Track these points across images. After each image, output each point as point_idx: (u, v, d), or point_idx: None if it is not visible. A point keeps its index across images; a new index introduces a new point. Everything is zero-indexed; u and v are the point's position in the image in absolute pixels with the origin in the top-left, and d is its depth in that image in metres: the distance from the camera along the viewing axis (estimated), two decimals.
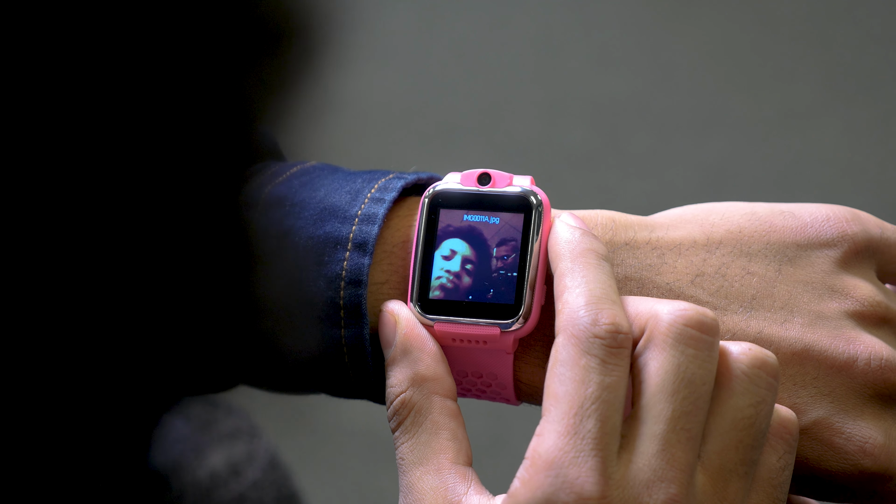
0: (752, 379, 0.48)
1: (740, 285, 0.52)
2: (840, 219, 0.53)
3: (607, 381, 0.47)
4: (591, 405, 0.46)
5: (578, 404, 0.47)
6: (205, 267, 0.38)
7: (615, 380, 0.47)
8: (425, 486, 0.50)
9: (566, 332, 0.48)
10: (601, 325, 0.47)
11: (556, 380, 0.47)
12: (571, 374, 0.47)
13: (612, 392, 0.47)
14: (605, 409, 0.46)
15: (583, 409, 0.46)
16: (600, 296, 0.48)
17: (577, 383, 0.47)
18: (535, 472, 0.46)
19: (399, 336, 0.52)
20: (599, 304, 0.48)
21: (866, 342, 0.51)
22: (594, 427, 0.46)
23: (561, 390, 0.47)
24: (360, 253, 0.52)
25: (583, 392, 0.47)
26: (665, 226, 0.53)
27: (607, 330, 0.47)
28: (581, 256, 0.49)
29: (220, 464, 0.89)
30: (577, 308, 0.48)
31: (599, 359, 0.47)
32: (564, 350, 0.48)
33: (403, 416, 0.51)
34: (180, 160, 0.36)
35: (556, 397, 0.47)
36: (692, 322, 0.48)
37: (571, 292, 0.48)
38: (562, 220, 0.51)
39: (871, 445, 0.51)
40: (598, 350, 0.47)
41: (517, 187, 0.52)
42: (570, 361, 0.47)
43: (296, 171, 0.55)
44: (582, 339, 0.47)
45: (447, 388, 0.52)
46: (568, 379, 0.47)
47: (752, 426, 0.48)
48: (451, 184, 0.53)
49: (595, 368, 0.47)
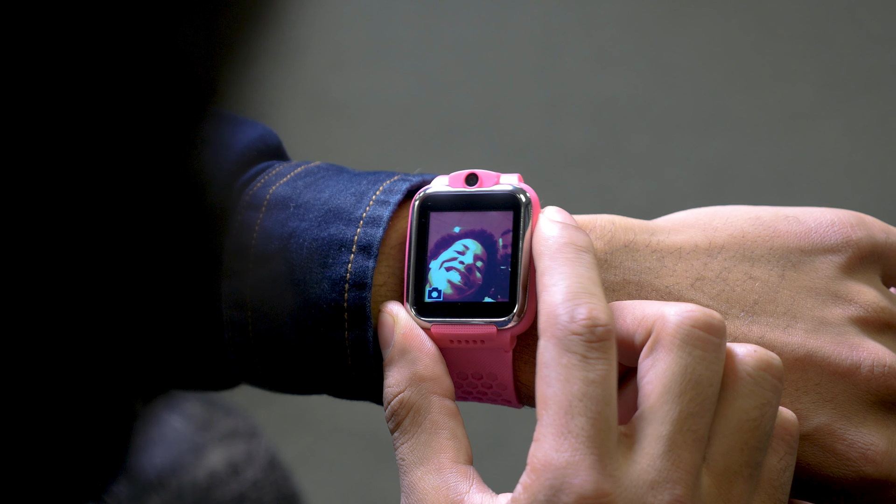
0: (757, 381, 0.48)
1: (742, 290, 0.52)
2: (845, 224, 0.53)
3: (591, 376, 0.46)
4: (579, 402, 0.46)
5: (566, 404, 0.46)
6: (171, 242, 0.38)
7: (599, 374, 0.46)
8: (427, 485, 0.50)
9: (546, 332, 0.48)
10: (577, 321, 0.47)
11: (542, 382, 0.47)
12: (555, 375, 0.47)
13: (598, 387, 0.46)
14: (594, 405, 0.46)
15: (571, 408, 0.46)
16: (577, 291, 0.48)
17: (561, 383, 0.47)
18: (536, 477, 0.46)
19: (397, 336, 0.52)
20: (576, 300, 0.47)
21: (870, 348, 0.51)
22: (585, 424, 0.46)
23: (549, 392, 0.47)
24: (365, 256, 0.52)
25: (568, 391, 0.46)
26: (667, 230, 0.53)
27: (584, 325, 0.47)
28: (559, 252, 0.49)
29: (219, 463, 0.89)
30: (554, 307, 0.48)
31: (580, 355, 0.47)
32: (546, 351, 0.47)
33: (402, 416, 0.51)
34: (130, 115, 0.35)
35: (545, 400, 0.47)
36: (699, 323, 0.48)
37: (549, 290, 0.48)
38: (544, 214, 0.51)
39: (873, 452, 0.51)
40: (577, 347, 0.47)
41: (505, 185, 0.52)
42: (552, 362, 0.47)
43: (300, 171, 0.55)
44: (561, 338, 0.47)
45: (445, 387, 0.52)
46: (553, 380, 0.47)
47: (757, 428, 0.48)
48: (439, 186, 0.53)
49: (577, 366, 0.46)
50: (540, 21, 2.16)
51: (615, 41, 2.13)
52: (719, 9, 2.17)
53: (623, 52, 2.11)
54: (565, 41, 2.14)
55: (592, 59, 2.10)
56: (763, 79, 2.07)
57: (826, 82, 2.06)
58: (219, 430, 0.91)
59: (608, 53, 2.11)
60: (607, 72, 2.09)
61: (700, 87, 2.06)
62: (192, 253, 0.39)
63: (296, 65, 0.58)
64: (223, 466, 0.89)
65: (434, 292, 0.52)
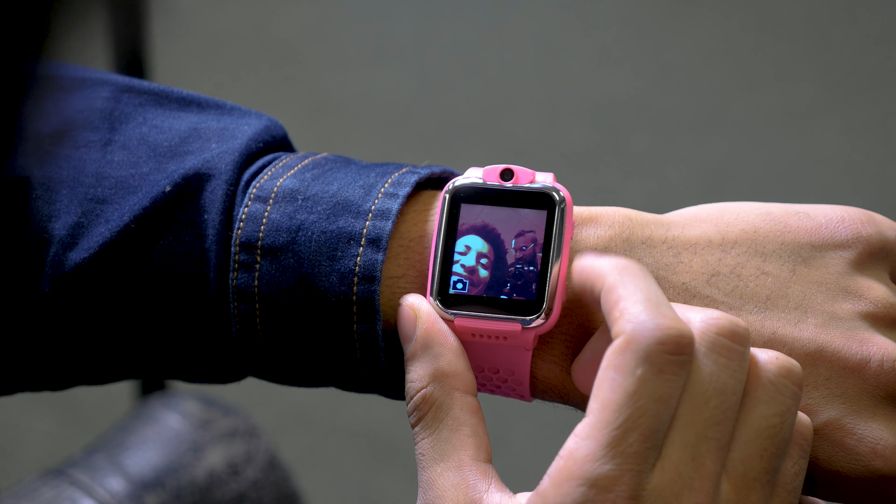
0: (778, 388, 0.48)
1: (755, 285, 0.52)
2: (855, 220, 0.53)
3: (660, 392, 0.46)
4: (639, 419, 0.45)
5: (626, 416, 0.45)
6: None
7: (669, 392, 0.46)
8: (446, 482, 0.50)
9: (626, 336, 0.46)
10: (664, 329, 0.46)
11: (607, 384, 0.46)
12: (624, 383, 0.46)
13: (662, 405, 0.46)
14: (652, 423, 0.45)
15: (629, 422, 0.45)
16: (658, 302, 0.47)
17: (628, 394, 0.46)
18: (568, 478, 0.46)
19: (420, 331, 0.51)
20: (660, 310, 0.46)
21: (879, 344, 0.51)
22: (637, 442, 0.45)
23: (611, 397, 0.46)
24: (374, 249, 0.52)
25: (633, 404, 0.45)
26: (680, 224, 0.53)
27: (670, 335, 0.46)
28: (627, 269, 0.48)
29: (218, 463, 0.89)
30: (638, 313, 0.46)
31: (658, 367, 0.46)
32: (622, 355, 0.46)
33: (424, 411, 0.51)
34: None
35: (603, 403, 0.46)
36: (724, 331, 0.47)
37: (628, 300, 0.47)
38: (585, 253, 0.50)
39: (882, 447, 0.51)
40: (657, 358, 0.46)
41: (540, 184, 0.52)
42: (625, 368, 0.46)
43: (307, 163, 0.55)
44: (643, 346, 0.46)
45: (468, 383, 0.51)
46: (619, 386, 0.46)
47: (776, 435, 0.48)
48: (472, 179, 0.53)
49: (651, 379, 0.46)
50: (540, 21, 2.16)
51: (615, 41, 2.13)
52: (719, 9, 2.17)
53: (623, 52, 2.11)
54: (565, 41, 2.14)
55: (592, 59, 2.10)
56: (763, 79, 2.07)
57: (826, 82, 2.06)
58: (218, 429, 0.91)
59: (608, 53, 2.11)
60: (607, 72, 2.09)
61: (700, 87, 2.06)
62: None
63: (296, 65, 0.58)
64: (222, 466, 0.89)
65: (459, 283, 0.52)
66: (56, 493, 0.85)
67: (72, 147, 0.55)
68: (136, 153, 0.55)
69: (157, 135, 0.55)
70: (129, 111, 0.56)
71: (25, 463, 1.61)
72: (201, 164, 0.54)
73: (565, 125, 2.01)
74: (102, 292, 0.53)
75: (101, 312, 0.54)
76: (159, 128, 0.56)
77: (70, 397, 1.62)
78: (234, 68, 2.06)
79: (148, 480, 0.87)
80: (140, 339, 0.54)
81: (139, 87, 0.57)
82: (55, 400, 1.64)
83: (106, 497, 0.85)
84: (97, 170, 0.54)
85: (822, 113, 2.03)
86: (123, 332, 0.54)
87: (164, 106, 0.57)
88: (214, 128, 0.56)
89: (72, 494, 0.85)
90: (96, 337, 0.54)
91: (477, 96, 2.05)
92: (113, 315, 0.54)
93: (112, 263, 0.53)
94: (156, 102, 0.57)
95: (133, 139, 0.55)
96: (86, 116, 0.56)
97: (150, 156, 0.55)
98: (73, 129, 0.55)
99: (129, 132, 0.55)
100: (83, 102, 0.56)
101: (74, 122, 0.55)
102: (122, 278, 0.53)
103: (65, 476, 0.86)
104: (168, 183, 0.54)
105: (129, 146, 0.55)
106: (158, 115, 0.56)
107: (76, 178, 0.54)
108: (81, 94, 0.56)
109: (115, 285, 0.53)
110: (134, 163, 0.55)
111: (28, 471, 1.38)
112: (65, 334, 0.54)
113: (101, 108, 0.56)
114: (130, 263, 0.53)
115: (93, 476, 0.87)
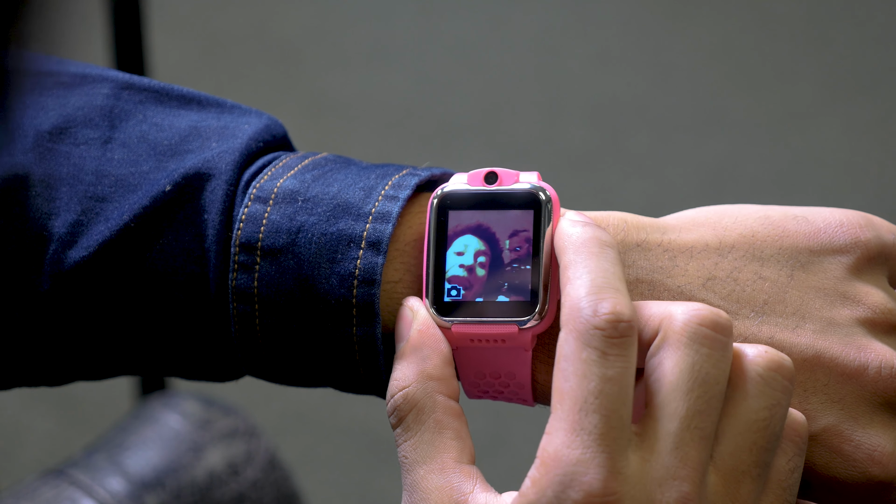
0: (767, 381, 0.48)
1: (752, 290, 0.52)
2: (853, 225, 0.53)
3: (609, 373, 0.46)
4: (595, 400, 0.46)
5: (582, 400, 0.46)
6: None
7: (618, 371, 0.46)
8: (430, 484, 0.50)
9: (567, 325, 0.47)
10: (601, 315, 0.47)
11: (560, 376, 0.47)
12: (573, 369, 0.46)
13: (614, 385, 0.46)
14: (609, 402, 0.46)
15: (586, 405, 0.46)
16: (601, 285, 0.47)
17: (578, 378, 0.46)
18: (545, 471, 0.46)
19: (413, 332, 0.51)
20: (600, 294, 0.47)
21: (877, 350, 0.51)
22: (598, 422, 0.46)
23: (565, 386, 0.47)
24: (374, 252, 0.52)
25: (585, 387, 0.46)
26: (677, 228, 0.53)
27: (607, 320, 0.46)
28: (583, 246, 0.49)
29: (218, 463, 0.89)
30: (578, 300, 0.47)
31: (600, 351, 0.46)
32: (566, 344, 0.47)
33: (405, 412, 0.51)
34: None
35: (560, 394, 0.47)
36: (706, 321, 0.48)
37: (573, 284, 0.48)
38: (566, 217, 0.51)
39: (879, 453, 0.51)
40: (598, 342, 0.46)
41: (525, 184, 0.52)
42: (572, 356, 0.47)
43: (307, 163, 0.55)
44: (582, 332, 0.47)
45: (451, 389, 0.51)
46: (570, 374, 0.46)
47: (766, 429, 0.48)
48: (457, 184, 0.53)
49: (596, 361, 0.46)
50: (540, 21, 2.16)
51: (615, 41, 2.13)
52: (719, 9, 2.17)
53: (623, 52, 2.11)
54: (565, 41, 2.14)
55: (592, 59, 2.10)
56: (763, 79, 2.07)
57: (826, 82, 2.06)
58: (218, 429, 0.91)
59: (608, 53, 2.11)
60: (607, 72, 2.09)
61: (700, 87, 2.06)
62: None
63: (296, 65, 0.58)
64: (222, 466, 0.89)
65: (453, 290, 0.52)
66: (56, 493, 0.85)
67: (72, 144, 0.55)
68: (136, 151, 0.55)
69: (157, 133, 0.55)
70: (130, 108, 0.56)
71: (25, 463, 1.61)
72: (201, 163, 0.54)
73: (565, 125, 2.02)
74: (102, 290, 0.53)
75: (99, 310, 0.54)
76: (159, 126, 0.56)
77: (70, 397, 1.62)
78: (234, 68, 2.06)
79: (148, 480, 0.87)
80: (138, 337, 0.54)
81: (139, 84, 0.57)
82: (55, 400, 1.64)
83: (106, 497, 0.85)
84: (97, 168, 0.54)
85: (821, 113, 2.03)
86: (122, 330, 0.54)
87: (165, 103, 0.57)
88: (215, 126, 0.56)
89: (72, 494, 0.85)
90: (95, 334, 0.54)
91: (477, 96, 2.05)
92: (112, 313, 0.54)
93: (112, 262, 0.53)
94: (156, 100, 0.57)
95: (133, 137, 0.55)
96: (86, 113, 0.56)
97: (151, 154, 0.55)
98: (72, 126, 0.55)
99: (129, 130, 0.55)
100: (83, 99, 0.56)
101: (74, 118, 0.55)
102: (121, 277, 0.53)
103: (65, 476, 0.86)
104: (168, 182, 0.54)
105: (130, 144, 0.55)
106: (159, 112, 0.56)
107: (76, 176, 0.54)
108: (81, 90, 0.56)
109: (115, 284, 0.53)
110: (134, 161, 0.55)
111: (28, 471, 1.38)
112: (63, 331, 0.54)
113: (101, 105, 0.56)
114: (130, 262, 0.53)
115: (93, 476, 0.87)
